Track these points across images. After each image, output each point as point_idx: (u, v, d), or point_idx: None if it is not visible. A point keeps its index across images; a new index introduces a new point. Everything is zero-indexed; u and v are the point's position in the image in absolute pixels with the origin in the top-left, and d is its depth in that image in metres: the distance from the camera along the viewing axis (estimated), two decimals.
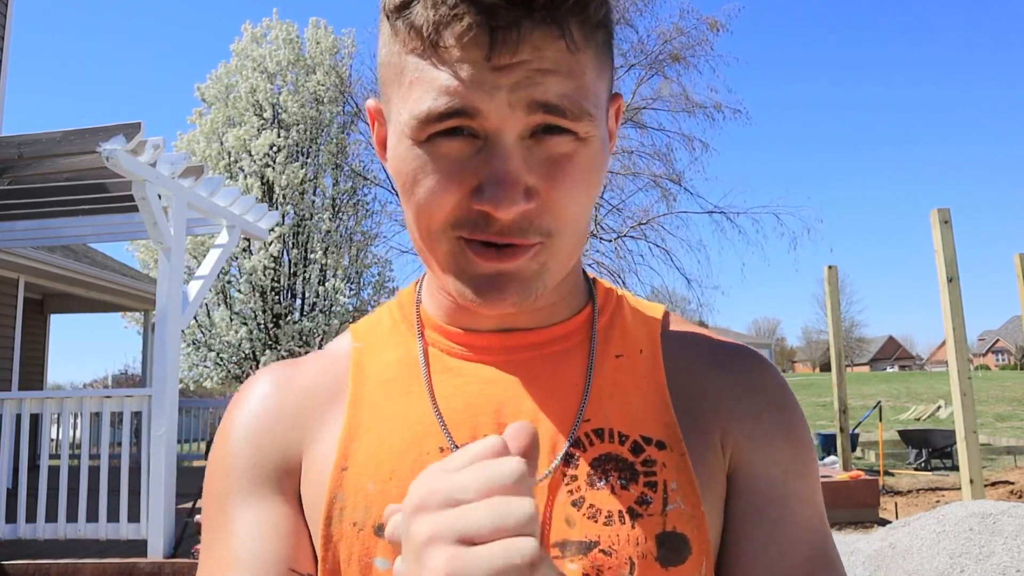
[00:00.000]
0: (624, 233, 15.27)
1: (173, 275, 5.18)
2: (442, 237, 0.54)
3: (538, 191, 0.52)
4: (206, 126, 14.80)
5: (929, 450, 11.43)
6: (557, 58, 0.50)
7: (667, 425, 0.59)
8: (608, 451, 0.58)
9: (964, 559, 4.26)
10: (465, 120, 0.50)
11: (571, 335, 0.64)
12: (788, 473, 0.61)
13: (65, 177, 5.26)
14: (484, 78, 0.49)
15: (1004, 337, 74.19)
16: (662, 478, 0.57)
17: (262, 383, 0.67)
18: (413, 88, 0.52)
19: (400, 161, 0.54)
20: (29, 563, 4.80)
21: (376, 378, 0.64)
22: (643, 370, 0.63)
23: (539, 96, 0.50)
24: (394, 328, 0.68)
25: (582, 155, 0.53)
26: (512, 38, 0.49)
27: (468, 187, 0.52)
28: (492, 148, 0.51)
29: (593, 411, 0.60)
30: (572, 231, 0.55)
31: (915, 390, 27.15)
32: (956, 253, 5.87)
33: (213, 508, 0.63)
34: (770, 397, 0.64)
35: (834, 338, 9.37)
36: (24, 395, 5.36)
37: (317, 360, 0.68)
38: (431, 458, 0.57)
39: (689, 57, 15.00)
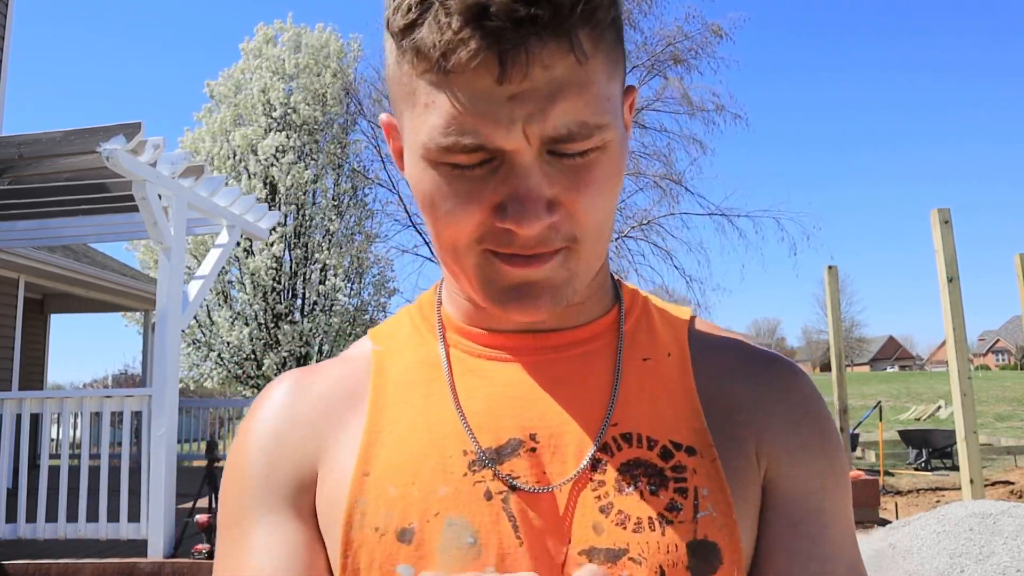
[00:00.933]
0: (625, 233, 15.27)
1: (173, 275, 5.18)
2: (469, 252, 0.54)
3: (561, 202, 0.52)
4: (214, 124, 14.80)
5: (929, 450, 11.43)
6: (566, 75, 0.49)
7: (697, 431, 0.58)
8: (637, 456, 0.56)
9: (964, 559, 4.26)
10: (482, 154, 0.50)
11: (597, 337, 0.63)
12: (826, 488, 0.61)
13: (65, 177, 5.26)
14: (499, 113, 0.48)
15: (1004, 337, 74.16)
16: (693, 484, 0.56)
17: (278, 392, 0.66)
18: (428, 113, 0.51)
19: (417, 181, 0.54)
20: (29, 563, 4.80)
21: (397, 381, 0.63)
22: (671, 374, 0.61)
23: (551, 132, 0.49)
24: (414, 331, 0.67)
25: (602, 162, 0.53)
26: (521, 59, 0.47)
27: (490, 206, 0.52)
28: (511, 167, 0.51)
29: (620, 415, 0.58)
30: (597, 235, 0.55)
31: (915, 390, 27.15)
32: (956, 253, 5.87)
33: (228, 523, 0.62)
34: (807, 408, 0.62)
35: (834, 338, 9.37)
36: (24, 395, 5.36)
37: (336, 366, 0.67)
38: (453, 461, 0.57)
39: (691, 60, 15.01)
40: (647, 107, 15.25)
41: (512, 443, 0.57)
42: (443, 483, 0.56)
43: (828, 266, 9.30)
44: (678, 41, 14.90)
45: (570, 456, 0.56)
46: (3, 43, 8.46)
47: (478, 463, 0.56)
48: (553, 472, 0.56)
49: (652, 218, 15.34)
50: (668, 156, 15.32)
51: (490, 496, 0.55)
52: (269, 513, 0.60)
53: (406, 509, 0.55)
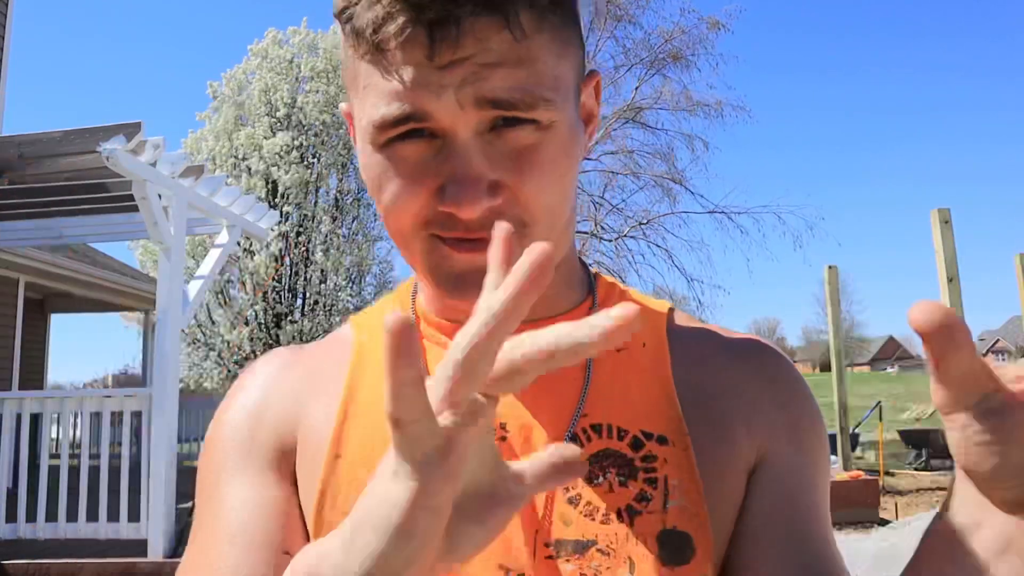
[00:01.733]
0: (625, 233, 15.27)
1: (173, 275, 5.18)
2: (415, 237, 0.54)
3: (505, 185, 0.51)
4: (217, 124, 14.80)
5: (929, 450, 11.43)
6: (503, 49, 0.48)
7: (670, 419, 0.58)
8: (607, 447, 0.56)
9: None
10: (418, 123, 0.50)
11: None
12: (816, 464, 0.61)
13: (65, 177, 5.26)
14: (429, 79, 0.48)
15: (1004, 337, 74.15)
16: (663, 474, 0.55)
17: (267, 363, 0.67)
18: (368, 94, 0.52)
19: (365, 166, 0.55)
20: (29, 563, 4.79)
21: (373, 368, 0.63)
22: (645, 364, 0.61)
23: (487, 92, 0.48)
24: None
25: (548, 143, 0.51)
26: (451, 33, 0.47)
27: (432, 188, 0.51)
28: (450, 148, 0.50)
29: (591, 406, 0.58)
30: (550, 221, 0.54)
31: (915, 390, 27.15)
32: (956, 253, 5.87)
33: (208, 480, 0.62)
34: (793, 388, 0.63)
35: (834, 338, 9.37)
36: (24, 395, 5.36)
37: (320, 347, 0.68)
38: None
39: (690, 56, 15.00)
40: (648, 106, 15.25)
41: None
42: None
43: (828, 266, 9.30)
44: (676, 37, 14.90)
45: (540, 447, 0.55)
46: (3, 43, 8.46)
47: None
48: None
49: (652, 217, 15.34)
50: (669, 154, 15.32)
51: None
52: (247, 471, 0.60)
53: None
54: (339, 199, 15.56)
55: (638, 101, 15.11)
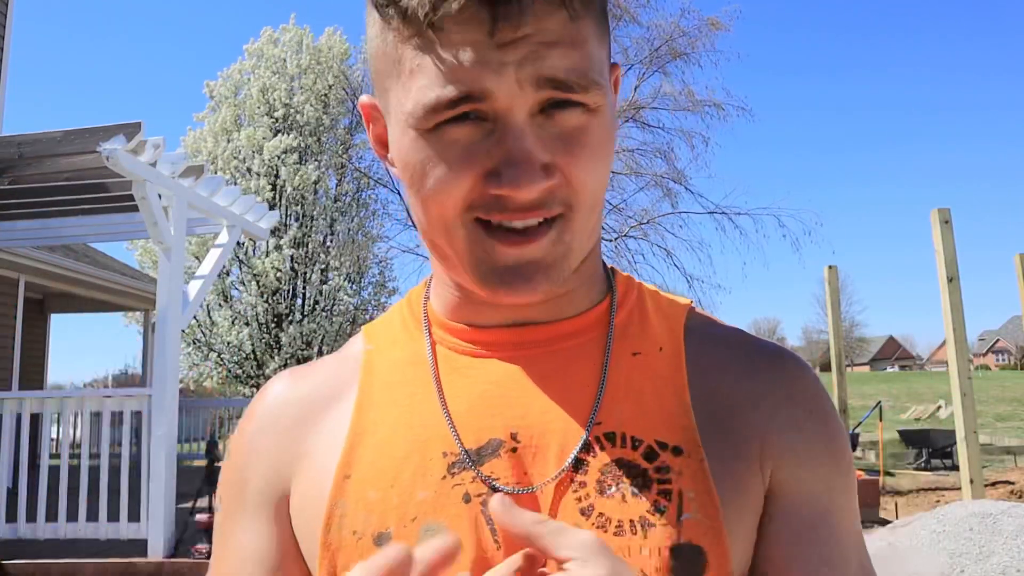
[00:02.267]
0: (625, 233, 15.27)
1: (173, 275, 5.18)
2: (458, 224, 0.52)
3: (557, 167, 0.51)
4: (215, 124, 14.80)
5: (929, 450, 11.43)
6: (560, 29, 0.48)
7: (685, 430, 0.56)
8: (620, 456, 0.54)
9: (964, 559, 4.26)
10: (475, 104, 0.49)
11: (586, 330, 0.60)
12: (833, 489, 0.58)
13: (65, 177, 5.26)
14: (489, 57, 0.47)
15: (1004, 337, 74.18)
16: (677, 486, 0.53)
17: (269, 393, 0.66)
18: (416, 76, 0.50)
19: (406, 153, 0.53)
20: (29, 563, 4.80)
21: (383, 380, 0.62)
22: (662, 370, 0.59)
23: (546, 72, 0.48)
24: (403, 327, 0.65)
25: (595, 126, 0.52)
26: (514, 11, 0.47)
27: (481, 172, 0.50)
28: (504, 129, 0.49)
29: (605, 413, 0.56)
30: (591, 205, 0.54)
31: (915, 390, 27.16)
32: (956, 253, 5.87)
33: (217, 523, 0.65)
34: (812, 407, 0.60)
35: (834, 338, 9.37)
36: (24, 395, 5.36)
37: (330, 364, 0.66)
38: (433, 464, 0.55)
39: (690, 53, 14.99)
40: (648, 106, 15.25)
41: (493, 443, 0.56)
42: (422, 487, 0.55)
43: (828, 266, 9.30)
44: (676, 37, 14.88)
45: (552, 456, 0.55)
46: (3, 43, 8.46)
47: (458, 465, 0.55)
48: (535, 473, 0.54)
49: (652, 217, 15.33)
50: (669, 154, 15.31)
51: (469, 499, 0.54)
52: (244, 515, 0.62)
53: (384, 513, 0.54)
54: (338, 200, 15.56)
55: (638, 100, 15.11)
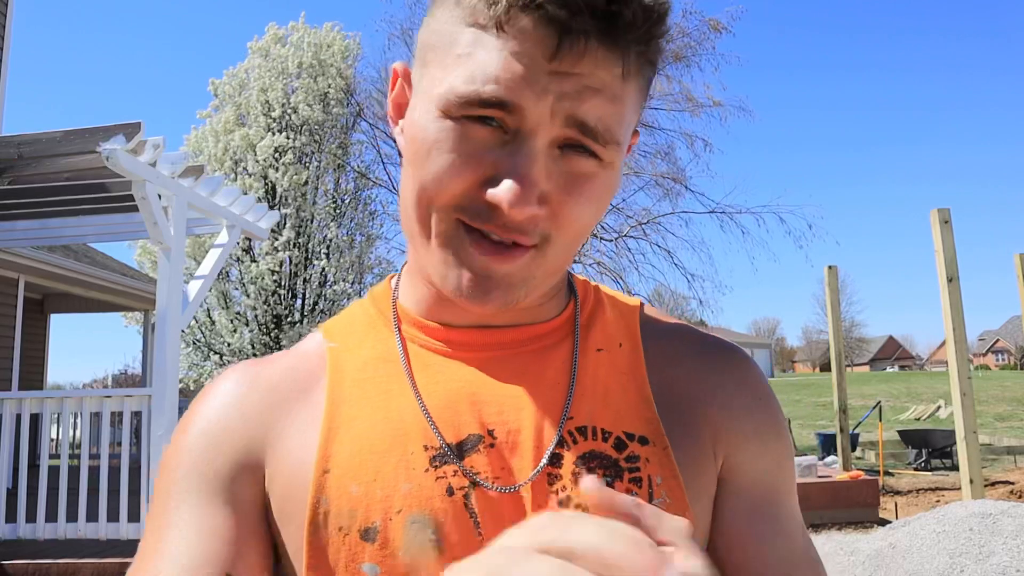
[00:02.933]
0: (625, 233, 15.26)
1: (173, 275, 5.18)
2: (442, 216, 0.53)
3: (551, 200, 0.52)
4: (217, 124, 14.79)
5: (929, 450, 11.43)
6: (609, 81, 0.50)
7: (649, 421, 0.59)
8: (592, 448, 0.58)
9: (964, 559, 4.26)
10: (504, 113, 0.50)
11: (554, 332, 0.64)
12: (781, 467, 0.64)
13: (65, 177, 5.26)
14: (538, 78, 0.49)
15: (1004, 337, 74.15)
16: (646, 473, 0.57)
17: (227, 380, 0.65)
18: (462, 63, 0.51)
19: (421, 130, 0.53)
20: (29, 563, 4.80)
21: (354, 377, 0.62)
22: (623, 365, 0.63)
23: (581, 114, 0.50)
24: (370, 325, 0.66)
25: (601, 179, 0.54)
26: (578, 48, 0.49)
27: (482, 175, 0.51)
28: (520, 145, 0.51)
29: (576, 409, 0.59)
30: (568, 245, 0.56)
31: (915, 390, 27.15)
32: (956, 253, 5.87)
33: (158, 501, 0.61)
34: (760, 392, 0.65)
35: (834, 338, 9.37)
36: (24, 395, 5.35)
37: (285, 357, 0.66)
38: (415, 458, 0.56)
39: (691, 56, 14.99)
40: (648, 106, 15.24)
41: (472, 439, 0.57)
42: (405, 480, 0.56)
43: (828, 266, 9.30)
44: (678, 38, 14.88)
45: (528, 451, 0.57)
46: (3, 43, 8.46)
47: (439, 458, 0.56)
48: (512, 467, 0.57)
49: (653, 217, 15.33)
50: (670, 154, 15.31)
51: (452, 492, 0.55)
52: (200, 499, 0.59)
53: (369, 507, 0.55)
54: (337, 200, 15.56)
55: None
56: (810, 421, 19.01)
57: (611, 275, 15.00)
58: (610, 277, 14.99)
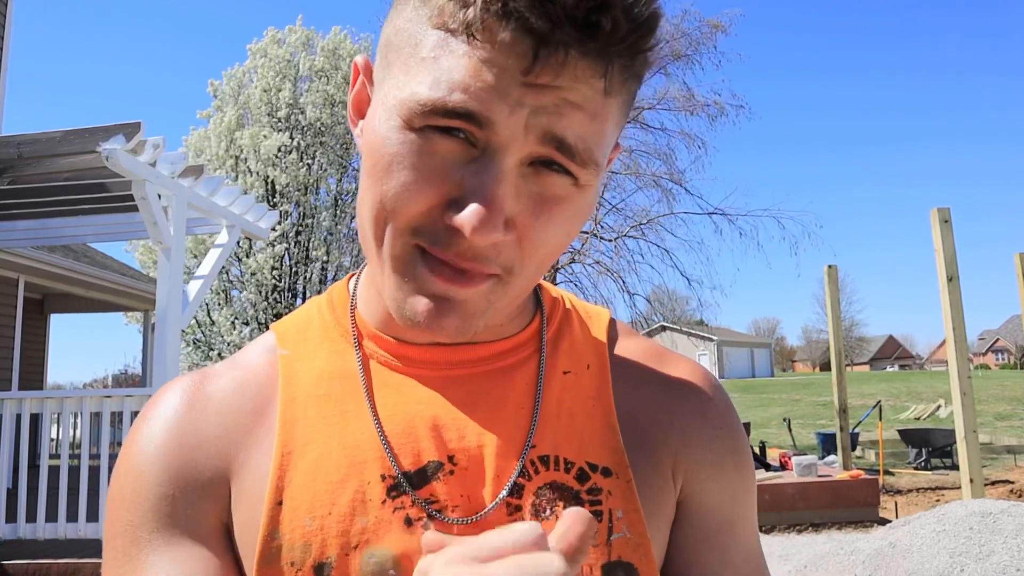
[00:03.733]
0: (624, 233, 15.26)
1: (173, 275, 5.18)
2: (397, 240, 0.49)
3: (516, 225, 0.48)
4: (220, 124, 14.80)
5: (929, 449, 11.43)
6: (590, 96, 0.46)
7: (614, 451, 0.57)
8: (554, 479, 0.55)
9: (964, 558, 4.26)
10: (472, 126, 0.45)
11: (518, 349, 0.60)
12: (735, 499, 0.62)
13: (65, 177, 5.26)
14: (511, 90, 0.44)
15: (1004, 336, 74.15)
16: (608, 507, 0.55)
17: (172, 399, 0.59)
18: (426, 67, 0.46)
19: (380, 140, 0.48)
20: (29, 563, 4.80)
21: (307, 393, 0.58)
22: (590, 389, 0.60)
23: (559, 130, 0.46)
24: (325, 334, 0.61)
25: (574, 202, 0.50)
26: (557, 60, 0.44)
27: (445, 195, 0.47)
28: (488, 163, 0.46)
29: (540, 437, 0.57)
30: (533, 273, 0.52)
31: (915, 389, 27.15)
32: (956, 252, 5.87)
33: (118, 547, 0.55)
34: (722, 422, 0.63)
35: (834, 337, 9.37)
36: (24, 395, 5.35)
37: (232, 370, 0.61)
38: (372, 488, 0.53)
39: (692, 55, 14.99)
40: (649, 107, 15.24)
41: (431, 466, 0.55)
42: (362, 513, 0.53)
43: (828, 266, 9.30)
44: (677, 38, 14.88)
45: (489, 479, 0.55)
46: (3, 43, 8.46)
47: (396, 488, 0.54)
48: (473, 495, 0.54)
49: (651, 218, 15.33)
50: (669, 155, 15.31)
51: (410, 522, 0.53)
52: (169, 535, 0.54)
53: (324, 543, 0.52)
54: (338, 199, 15.56)
55: (638, 101, 15.11)
56: (810, 420, 19.01)
57: (610, 275, 15.01)
58: (609, 277, 15.00)
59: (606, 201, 15.23)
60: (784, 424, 14.12)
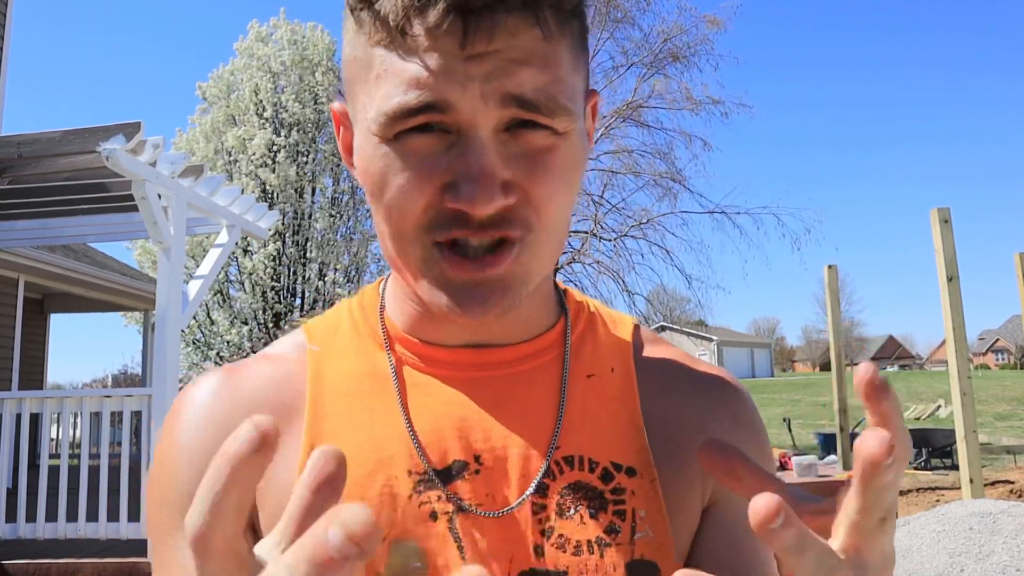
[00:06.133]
0: (625, 232, 15.26)
1: (173, 275, 5.18)
2: (415, 242, 0.51)
3: (518, 186, 0.50)
4: (207, 125, 14.79)
5: (929, 449, 11.43)
6: (532, 47, 0.48)
7: (638, 451, 0.58)
8: (578, 479, 0.56)
9: (964, 558, 4.26)
10: (436, 115, 0.48)
11: (543, 352, 0.61)
12: None
13: (65, 177, 5.26)
14: (456, 68, 0.47)
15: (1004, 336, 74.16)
16: (631, 506, 0.56)
17: (202, 393, 0.60)
18: (381, 82, 0.49)
19: (367, 161, 0.51)
20: (29, 563, 4.80)
21: (336, 389, 0.59)
22: (615, 392, 0.61)
23: (513, 89, 0.47)
24: (355, 334, 0.63)
25: (561, 150, 0.51)
26: (485, 25, 0.46)
27: (439, 184, 0.49)
28: (465, 143, 0.48)
29: (564, 438, 0.58)
30: (553, 229, 0.53)
31: (915, 389, 27.15)
32: (956, 252, 5.87)
33: (157, 535, 0.57)
34: (752, 428, 0.64)
35: (834, 337, 9.37)
36: (24, 395, 5.35)
37: (262, 365, 0.62)
38: (400, 483, 0.55)
39: (690, 56, 14.99)
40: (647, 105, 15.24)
41: (457, 464, 0.56)
42: (389, 506, 0.54)
43: (828, 265, 9.30)
44: (675, 36, 14.88)
45: (515, 479, 0.56)
46: (3, 43, 8.46)
47: (424, 483, 0.55)
48: (498, 494, 0.56)
49: (651, 217, 15.33)
50: (669, 154, 15.31)
51: (436, 517, 0.54)
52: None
53: None
54: (335, 198, 15.54)
55: (637, 100, 15.10)
56: (810, 421, 19.00)
57: (610, 275, 15.01)
58: (609, 277, 15.00)
59: (606, 201, 15.23)
60: (784, 424, 14.12)
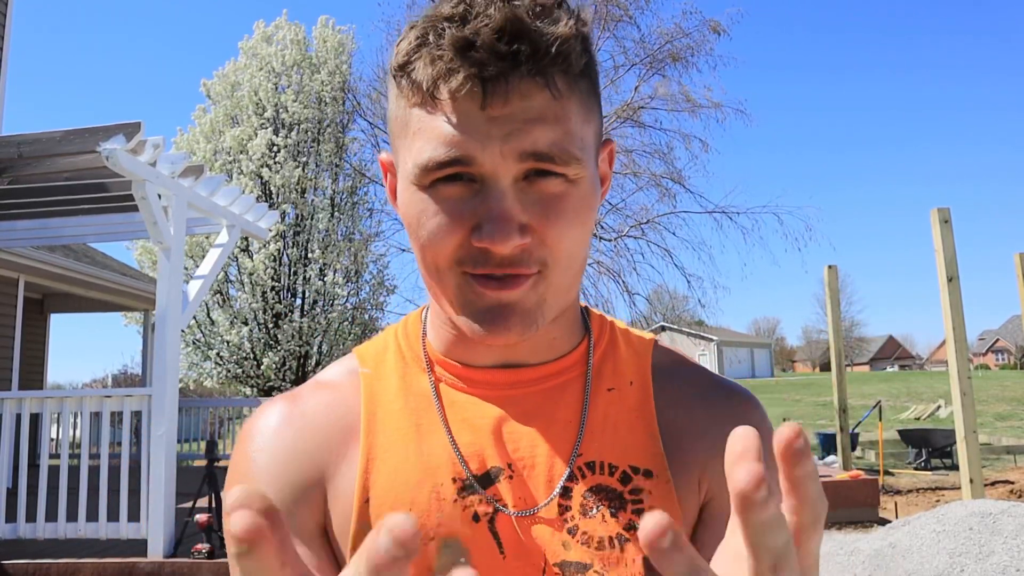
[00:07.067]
0: (624, 233, 15.26)
1: (173, 275, 5.18)
2: (449, 274, 0.59)
3: (533, 228, 0.57)
4: (206, 125, 14.77)
5: (929, 450, 11.43)
6: (543, 106, 0.55)
7: (654, 455, 0.65)
8: (599, 482, 0.63)
9: (964, 558, 4.26)
10: (463, 168, 0.56)
11: (568, 370, 0.68)
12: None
13: (65, 177, 5.26)
14: (478, 128, 0.55)
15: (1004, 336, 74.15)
16: (648, 505, 0.62)
17: (271, 420, 0.68)
18: (416, 139, 0.57)
19: (407, 206, 0.60)
20: (29, 563, 4.80)
21: (386, 408, 0.67)
22: (633, 403, 0.68)
23: (528, 147, 0.55)
24: (400, 359, 0.71)
25: (573, 195, 0.58)
26: (501, 89, 0.54)
27: (468, 226, 0.57)
28: (488, 191, 0.56)
29: (586, 446, 0.65)
30: (567, 265, 0.60)
31: (915, 390, 27.15)
32: (956, 253, 5.87)
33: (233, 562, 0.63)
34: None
35: (834, 338, 9.37)
36: (24, 395, 5.35)
37: (319, 393, 0.70)
38: (445, 489, 0.63)
39: (689, 57, 14.99)
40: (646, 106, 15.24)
41: (494, 471, 0.64)
42: (437, 509, 0.62)
43: (828, 266, 9.30)
44: (676, 38, 14.89)
45: (542, 484, 0.63)
46: (3, 43, 8.46)
47: (466, 489, 0.63)
48: (529, 497, 0.63)
49: (652, 217, 15.33)
50: (668, 154, 15.31)
51: (478, 518, 0.62)
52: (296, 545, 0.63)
53: None
54: (335, 198, 15.53)
55: (637, 101, 15.11)
56: (810, 421, 19.01)
57: (610, 275, 15.01)
58: (609, 277, 14.99)
59: (606, 201, 15.24)
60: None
